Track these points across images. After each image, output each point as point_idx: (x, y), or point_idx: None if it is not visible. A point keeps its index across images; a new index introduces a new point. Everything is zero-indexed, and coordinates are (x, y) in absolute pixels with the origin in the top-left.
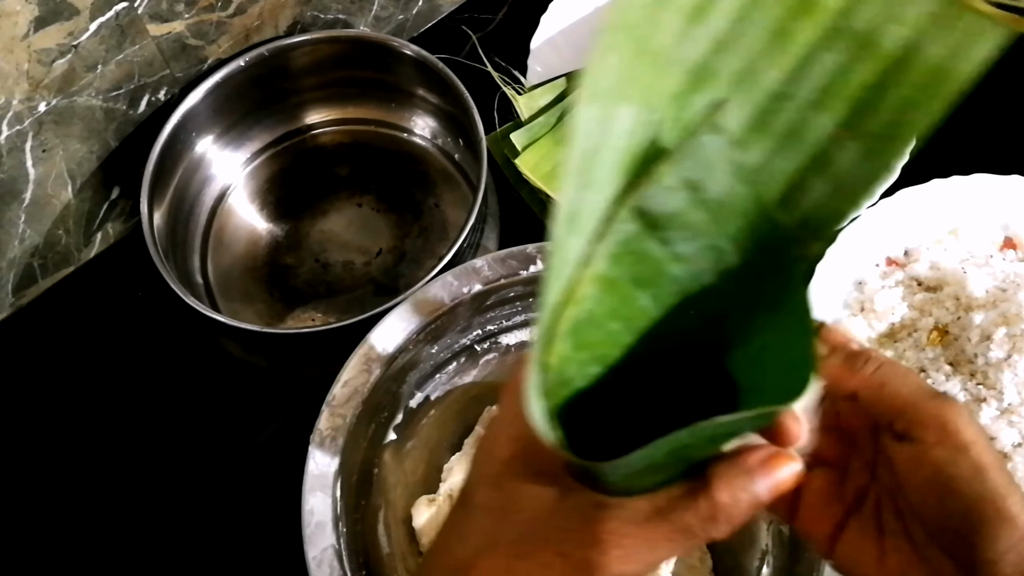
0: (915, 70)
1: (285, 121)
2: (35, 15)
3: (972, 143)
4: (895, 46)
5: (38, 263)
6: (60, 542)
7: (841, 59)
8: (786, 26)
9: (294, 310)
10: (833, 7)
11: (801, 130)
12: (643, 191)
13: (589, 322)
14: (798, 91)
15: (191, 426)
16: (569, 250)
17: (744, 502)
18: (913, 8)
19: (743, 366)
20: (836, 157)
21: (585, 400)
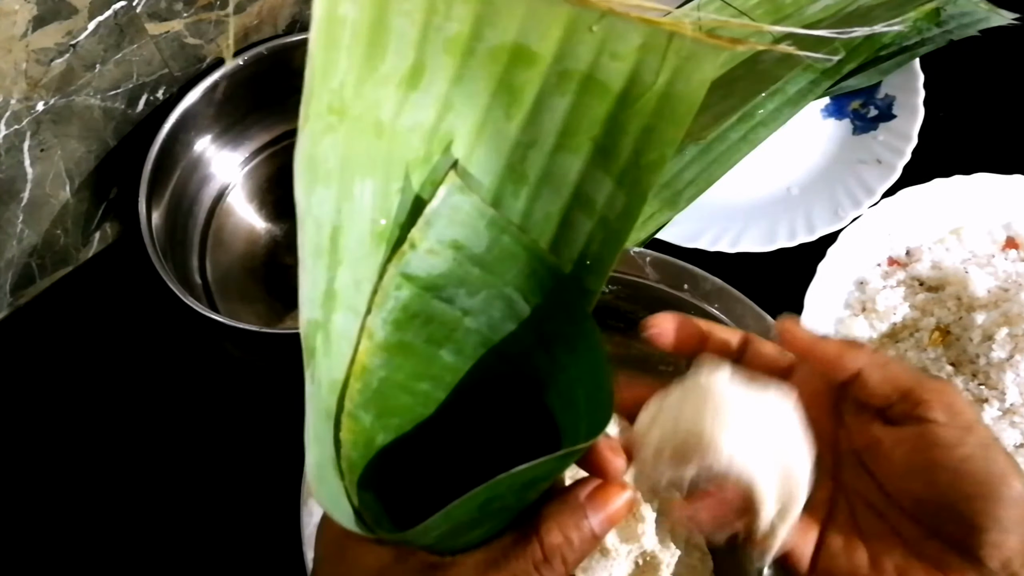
0: (643, 100)
1: (284, 120)
2: (34, 14)
3: (974, 142)
4: (618, 80)
5: (36, 263)
6: (60, 542)
7: (571, 100)
8: (509, 78)
9: (293, 310)
10: (549, 53)
11: (553, 173)
12: (405, 258)
13: (389, 388)
14: (539, 137)
15: (190, 426)
16: (334, 328)
17: (577, 540)
18: (625, 42)
19: (558, 405)
20: (593, 194)
21: (408, 459)
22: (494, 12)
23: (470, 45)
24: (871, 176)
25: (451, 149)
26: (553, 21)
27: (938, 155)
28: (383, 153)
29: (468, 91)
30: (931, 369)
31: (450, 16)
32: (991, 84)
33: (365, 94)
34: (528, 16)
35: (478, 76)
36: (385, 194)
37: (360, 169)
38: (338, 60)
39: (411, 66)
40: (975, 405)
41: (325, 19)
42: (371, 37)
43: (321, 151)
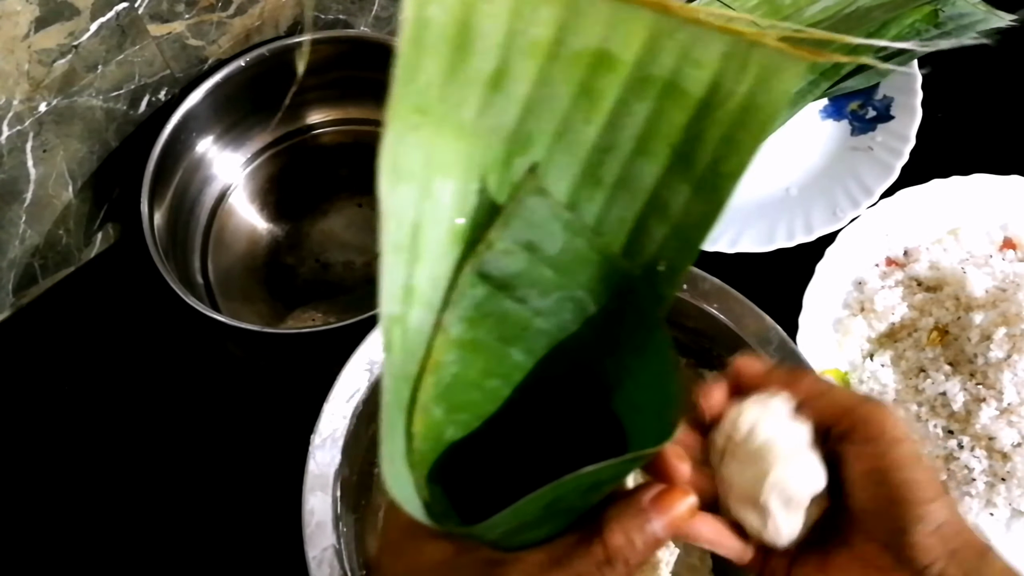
0: (724, 108)
1: (285, 121)
2: (36, 15)
3: (972, 143)
4: (699, 88)
5: (39, 263)
6: (60, 542)
7: (651, 106)
8: (590, 83)
9: (294, 310)
10: (631, 59)
11: (630, 179)
12: (481, 257)
13: (461, 384)
14: (618, 142)
15: (191, 426)
16: (411, 322)
17: (639, 542)
18: (706, 51)
19: (624, 409)
20: (670, 200)
21: (476, 455)
22: (578, 17)
23: (554, 49)
24: (869, 177)
25: (530, 152)
26: (637, 27)
27: (936, 156)
28: (464, 154)
29: (549, 94)
30: (929, 369)
31: (535, 20)
32: (989, 85)
33: (449, 95)
34: (612, 22)
35: (559, 80)
36: (464, 194)
37: (441, 169)
38: (424, 61)
39: (494, 69)
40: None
41: (414, 20)
42: (457, 39)
43: (404, 149)
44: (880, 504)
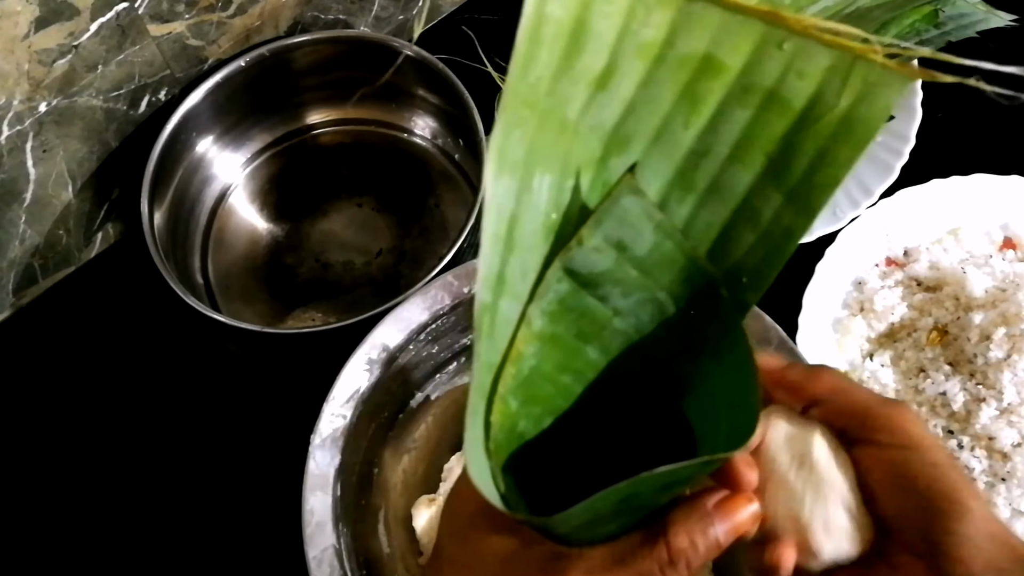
0: (824, 120)
1: (285, 121)
2: (36, 15)
3: (972, 143)
4: (801, 99)
5: (38, 263)
6: (60, 542)
7: (751, 114)
8: (694, 87)
9: (294, 310)
10: (736, 66)
11: (722, 184)
12: (571, 253)
13: (537, 377)
14: (714, 147)
15: (191, 426)
16: (500, 312)
17: (702, 546)
18: (812, 63)
19: (696, 412)
20: (761, 208)
21: (543, 450)
22: (689, 21)
23: (662, 52)
24: (869, 177)
25: (626, 152)
26: (745, 35)
27: (936, 156)
28: (563, 150)
29: (652, 96)
30: (929, 368)
31: (648, 22)
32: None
33: (558, 90)
34: (721, 28)
35: (664, 82)
36: (560, 189)
37: (541, 163)
38: (539, 56)
39: (604, 67)
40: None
41: (533, 15)
42: (572, 36)
43: (510, 142)
44: (911, 513)
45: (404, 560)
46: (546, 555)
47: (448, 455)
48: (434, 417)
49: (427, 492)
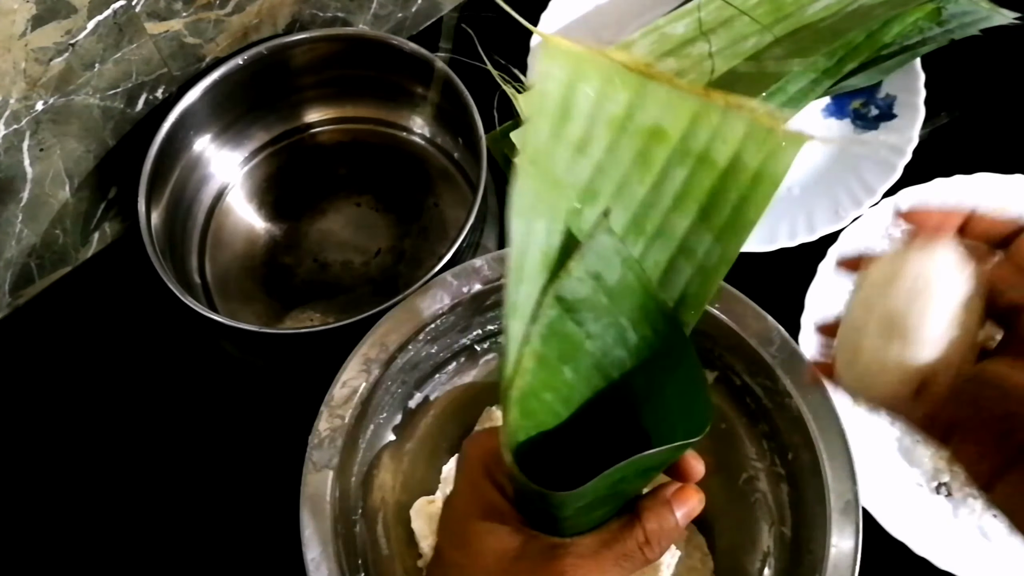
0: (742, 175)
1: (284, 120)
2: (33, 13)
3: (975, 142)
4: (724, 159)
5: (35, 263)
6: (60, 542)
7: (688, 172)
8: (646, 151)
9: (293, 310)
10: (677, 134)
11: (666, 228)
12: (561, 282)
13: (530, 393)
14: (660, 199)
15: (190, 426)
16: (513, 332)
17: (668, 526)
18: (732, 131)
19: (651, 419)
20: (695, 246)
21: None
22: (644, 98)
23: (623, 123)
24: (872, 175)
25: (595, 205)
26: (685, 109)
27: (939, 155)
28: (552, 200)
29: (616, 159)
30: None
31: (614, 99)
32: (993, 83)
33: (551, 152)
34: (667, 104)
35: (625, 147)
36: (550, 232)
37: (538, 210)
38: (540, 123)
39: (582, 134)
40: None
41: (538, 92)
42: (562, 107)
43: (521, 190)
44: None
45: (403, 560)
46: (543, 547)
47: (447, 456)
48: (433, 417)
49: (426, 493)
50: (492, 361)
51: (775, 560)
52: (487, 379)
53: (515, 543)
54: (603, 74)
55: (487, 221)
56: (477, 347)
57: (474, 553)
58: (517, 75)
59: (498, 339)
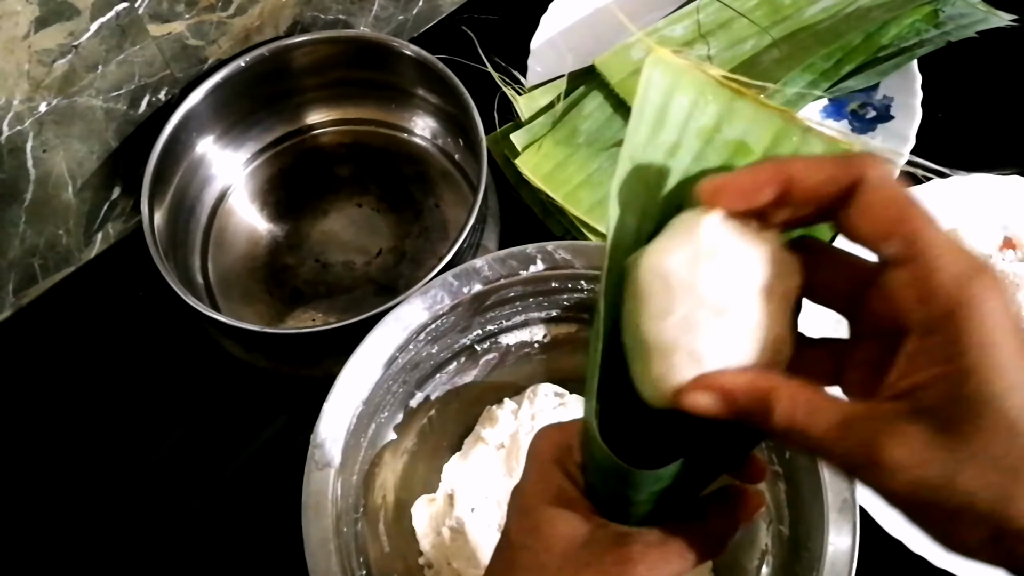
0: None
1: (285, 121)
2: (36, 15)
3: (972, 143)
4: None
5: (38, 263)
6: (60, 542)
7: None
8: (730, 162)
9: (294, 310)
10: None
11: None
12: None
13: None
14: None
15: (191, 426)
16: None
17: (732, 527)
18: (811, 149)
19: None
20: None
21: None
22: (732, 114)
23: (711, 135)
24: None
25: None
26: (769, 127)
27: (936, 156)
28: (643, 200)
29: (701, 167)
30: None
31: (704, 111)
32: (989, 85)
33: (647, 154)
34: (753, 121)
35: (710, 158)
36: (639, 229)
37: (630, 207)
38: (641, 126)
39: (674, 141)
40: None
41: (641, 97)
42: (659, 115)
43: (621, 184)
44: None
45: (404, 560)
46: (612, 534)
47: (448, 455)
48: (434, 417)
49: (427, 492)
50: (492, 361)
51: (773, 558)
52: (487, 379)
53: (584, 529)
54: (698, 87)
55: (487, 222)
56: (477, 347)
57: (544, 537)
58: (517, 77)
59: (498, 339)
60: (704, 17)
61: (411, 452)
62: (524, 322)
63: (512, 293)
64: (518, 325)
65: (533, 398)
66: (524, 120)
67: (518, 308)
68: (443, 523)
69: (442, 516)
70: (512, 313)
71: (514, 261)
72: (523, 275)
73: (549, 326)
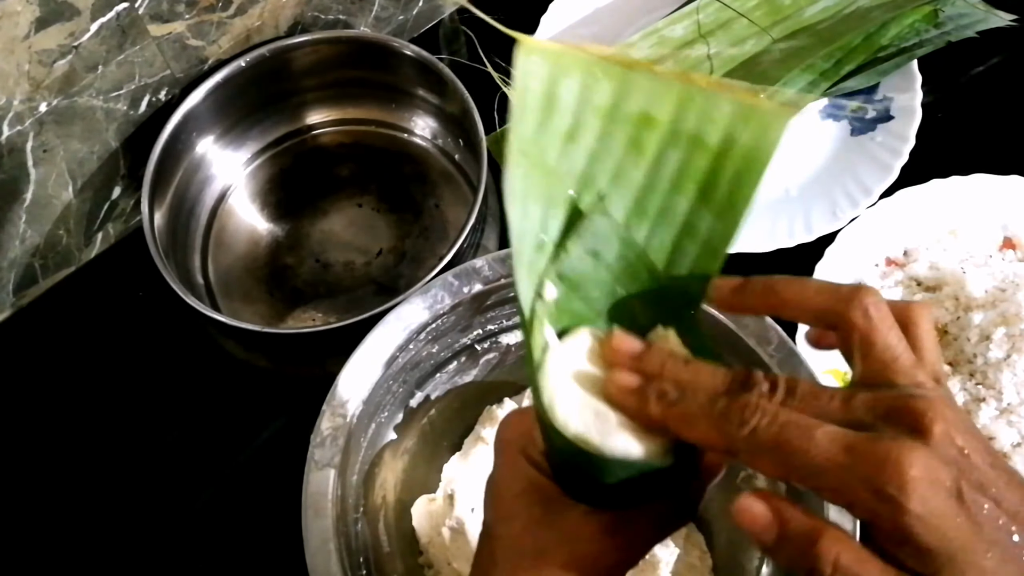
0: (734, 153)
1: (286, 121)
2: (36, 16)
3: (972, 144)
4: (716, 139)
5: (39, 263)
6: (60, 542)
7: (682, 155)
8: (637, 137)
9: (294, 310)
10: (666, 119)
11: (667, 210)
12: (561, 260)
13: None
14: (658, 183)
15: (191, 426)
16: (525, 314)
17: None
18: (718, 111)
19: None
20: (697, 225)
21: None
22: (628, 88)
23: (611, 111)
24: (869, 177)
25: (592, 190)
26: (670, 95)
27: (935, 156)
28: (547, 187)
29: (608, 146)
30: None
31: (598, 90)
32: (989, 85)
33: (540, 143)
34: (651, 91)
35: (616, 135)
36: (545, 217)
37: (532, 197)
38: (526, 118)
39: (570, 125)
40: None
41: (520, 88)
42: (545, 103)
43: (513, 181)
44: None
45: (404, 559)
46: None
47: (448, 455)
48: (434, 416)
49: (427, 491)
50: (492, 360)
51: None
52: (487, 378)
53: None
54: (583, 67)
55: (488, 222)
56: (477, 347)
57: (519, 525)
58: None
59: (498, 338)
60: (704, 17)
61: (411, 452)
62: None
63: (512, 293)
64: (518, 325)
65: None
66: None
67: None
68: (443, 523)
69: (442, 516)
70: (512, 313)
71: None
72: None
73: None
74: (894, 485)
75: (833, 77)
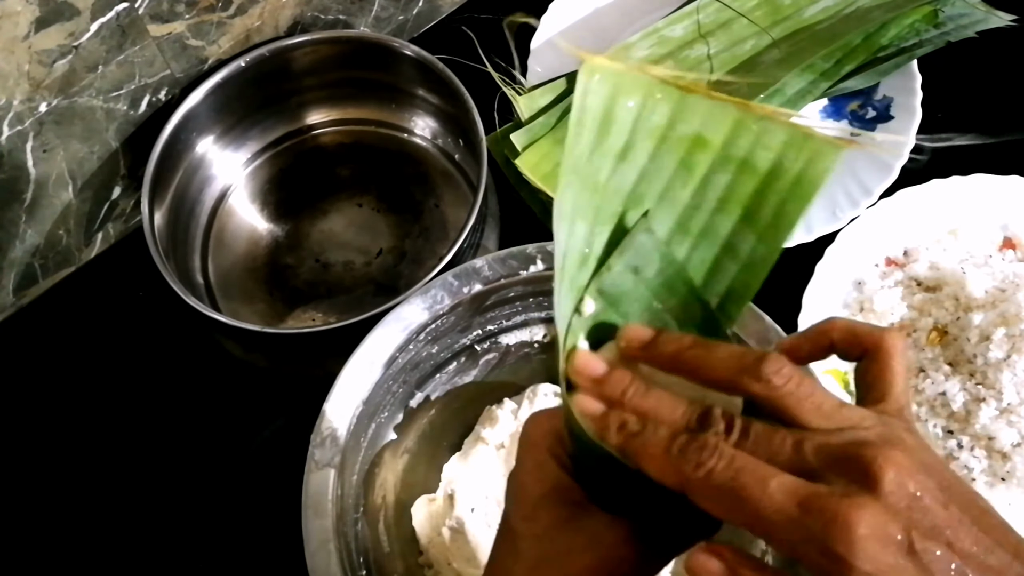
0: (783, 179)
1: (285, 121)
2: (36, 16)
3: (971, 143)
4: (765, 164)
5: (39, 263)
6: (60, 542)
7: (730, 177)
8: (688, 158)
9: (294, 310)
10: (718, 142)
11: (711, 229)
12: (602, 276)
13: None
14: (704, 202)
15: (191, 426)
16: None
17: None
18: (773, 138)
19: None
20: (739, 246)
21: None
22: (684, 110)
23: (665, 133)
24: (869, 177)
25: (639, 208)
26: (725, 119)
27: (935, 156)
28: (595, 205)
29: (658, 166)
30: (929, 369)
31: (655, 111)
32: (989, 85)
33: (593, 162)
34: (707, 115)
35: (667, 155)
36: (591, 233)
37: (579, 214)
38: (582, 136)
39: (624, 144)
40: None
41: (578, 106)
42: (603, 121)
43: (564, 197)
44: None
45: (404, 559)
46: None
47: (448, 455)
48: (434, 417)
49: (427, 491)
50: (492, 361)
51: (772, 559)
52: (487, 379)
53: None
54: (644, 88)
55: (487, 222)
56: (477, 347)
57: (544, 526)
58: (517, 77)
59: (498, 339)
60: (704, 17)
61: (411, 452)
62: (524, 322)
63: (512, 293)
64: (518, 325)
65: (533, 398)
66: (524, 120)
67: (518, 308)
68: (443, 523)
69: (442, 516)
70: (512, 313)
71: (514, 261)
72: (523, 275)
73: (549, 326)
74: (842, 544)
75: (833, 77)
